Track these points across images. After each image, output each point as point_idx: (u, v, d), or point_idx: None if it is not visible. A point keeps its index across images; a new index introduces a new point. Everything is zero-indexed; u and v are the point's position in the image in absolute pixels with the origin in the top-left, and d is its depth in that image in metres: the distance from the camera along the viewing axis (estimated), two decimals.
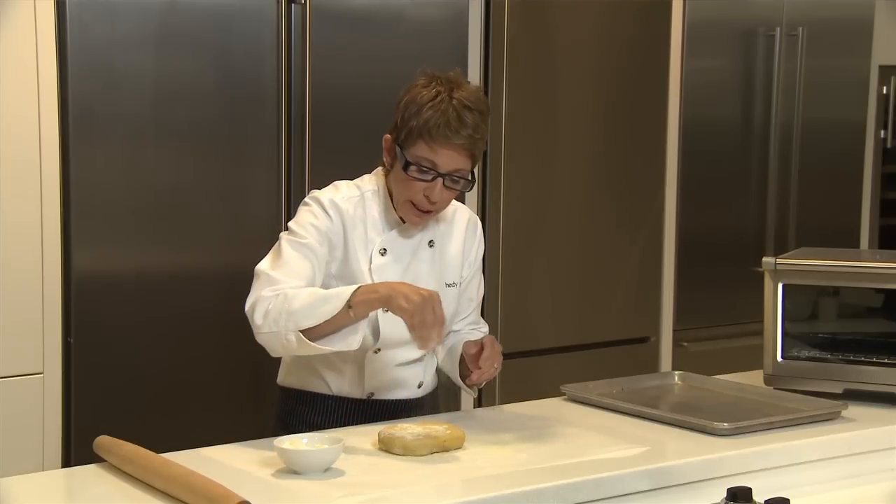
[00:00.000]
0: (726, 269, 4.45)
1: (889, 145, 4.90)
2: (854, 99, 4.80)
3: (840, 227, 4.81)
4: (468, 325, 2.73)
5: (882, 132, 4.89)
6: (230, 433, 2.53)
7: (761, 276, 2.87)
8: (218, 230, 3.32)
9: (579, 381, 2.80)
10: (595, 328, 4.15)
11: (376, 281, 2.48)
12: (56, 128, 3.08)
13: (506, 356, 2.79)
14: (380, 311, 2.48)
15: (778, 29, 4.47)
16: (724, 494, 1.98)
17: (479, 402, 3.77)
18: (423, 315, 2.26)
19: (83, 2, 3.07)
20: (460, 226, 2.66)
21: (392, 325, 2.49)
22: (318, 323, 2.32)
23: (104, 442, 2.25)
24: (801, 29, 4.50)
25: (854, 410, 2.63)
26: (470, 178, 2.50)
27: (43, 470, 3.00)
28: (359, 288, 2.33)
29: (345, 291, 2.32)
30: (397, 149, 2.48)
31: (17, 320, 3.07)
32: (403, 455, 2.26)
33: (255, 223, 3.33)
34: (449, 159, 2.44)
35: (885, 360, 2.78)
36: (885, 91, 4.86)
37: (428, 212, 2.50)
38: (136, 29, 3.15)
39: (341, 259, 2.52)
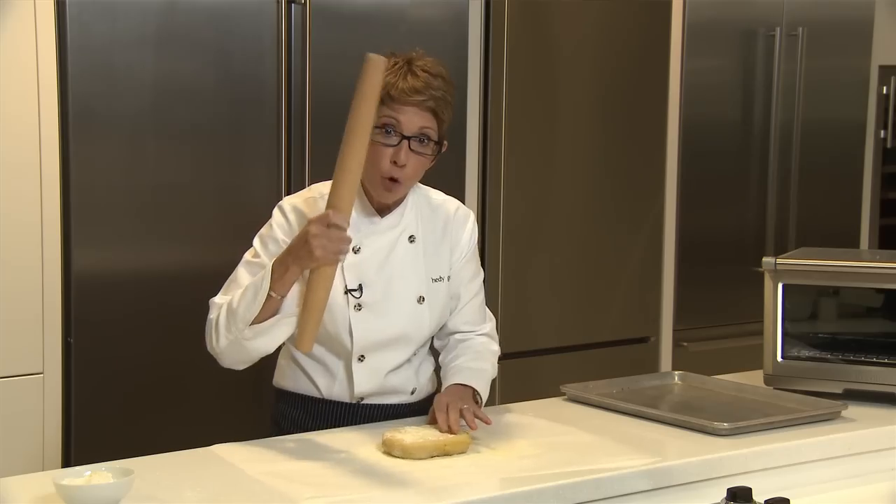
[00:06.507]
0: (726, 269, 4.45)
1: (889, 145, 4.89)
2: (854, 99, 4.80)
3: (840, 227, 4.80)
4: (465, 325, 2.62)
5: (882, 132, 4.88)
6: (230, 432, 2.53)
7: (761, 276, 2.87)
8: (218, 230, 3.32)
9: (579, 381, 2.79)
10: (595, 328, 4.15)
11: (348, 277, 2.46)
12: (56, 128, 3.08)
13: (506, 356, 2.79)
14: (351, 314, 2.45)
15: (778, 29, 4.47)
16: (724, 494, 1.98)
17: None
18: (323, 241, 2.22)
19: (83, 2, 3.07)
20: (446, 217, 2.58)
21: (364, 327, 2.46)
22: (257, 313, 2.32)
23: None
24: (801, 29, 4.50)
25: (854, 410, 2.63)
26: (437, 139, 2.43)
27: (43, 470, 2.99)
28: (273, 268, 2.31)
29: (265, 276, 2.30)
30: None
31: (17, 320, 3.08)
32: (402, 458, 2.26)
33: (255, 223, 3.30)
34: (412, 118, 2.40)
35: (885, 360, 2.78)
36: (885, 91, 4.86)
37: (398, 180, 2.42)
38: (136, 29, 3.15)
39: None
